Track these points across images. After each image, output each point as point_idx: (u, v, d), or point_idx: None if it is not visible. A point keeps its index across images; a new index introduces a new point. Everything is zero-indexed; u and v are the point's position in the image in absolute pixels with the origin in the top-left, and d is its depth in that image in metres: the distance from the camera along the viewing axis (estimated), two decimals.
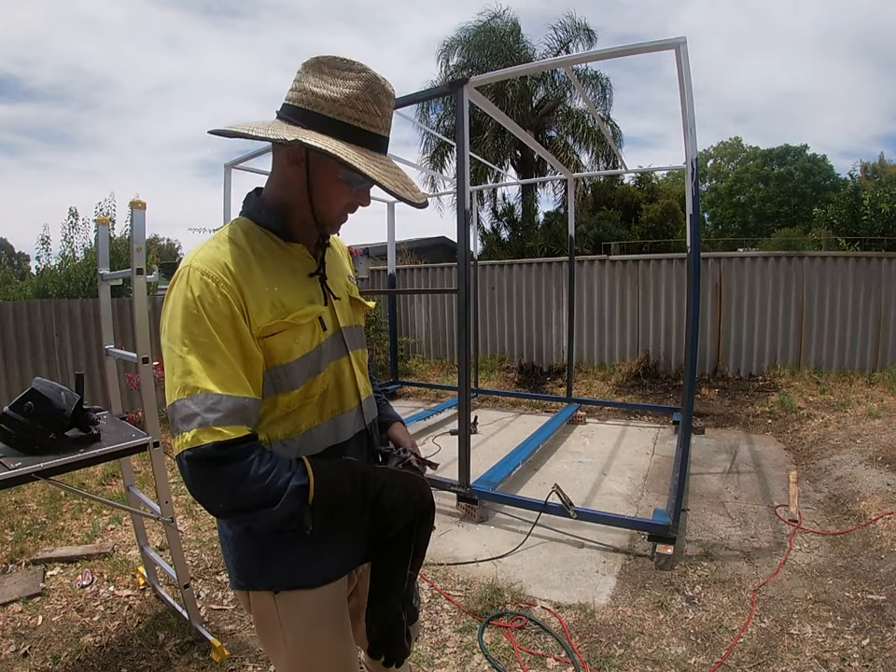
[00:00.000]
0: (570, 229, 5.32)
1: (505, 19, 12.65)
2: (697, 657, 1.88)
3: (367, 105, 0.82)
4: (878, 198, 10.19)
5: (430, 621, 2.13)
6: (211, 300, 0.77)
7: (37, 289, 6.72)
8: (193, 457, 0.73)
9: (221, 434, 0.73)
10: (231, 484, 0.74)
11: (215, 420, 0.73)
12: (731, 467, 3.81)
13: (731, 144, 33.28)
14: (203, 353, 0.76)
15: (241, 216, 0.93)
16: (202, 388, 0.74)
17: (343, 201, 0.89)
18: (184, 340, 0.76)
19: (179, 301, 0.78)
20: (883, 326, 5.79)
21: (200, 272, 0.79)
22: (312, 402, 0.90)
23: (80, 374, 1.79)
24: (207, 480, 0.74)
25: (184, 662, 1.89)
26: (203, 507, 0.79)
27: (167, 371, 0.78)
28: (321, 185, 0.86)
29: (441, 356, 7.69)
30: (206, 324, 0.77)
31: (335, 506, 0.81)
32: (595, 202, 14.33)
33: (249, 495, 0.74)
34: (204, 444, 0.73)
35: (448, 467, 3.79)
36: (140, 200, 1.84)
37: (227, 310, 0.78)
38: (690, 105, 2.63)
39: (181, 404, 0.75)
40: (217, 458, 0.73)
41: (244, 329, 0.80)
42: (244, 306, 0.80)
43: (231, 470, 0.74)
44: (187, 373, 0.75)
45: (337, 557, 0.96)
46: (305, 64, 0.84)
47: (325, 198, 0.87)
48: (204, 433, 0.73)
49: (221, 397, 0.75)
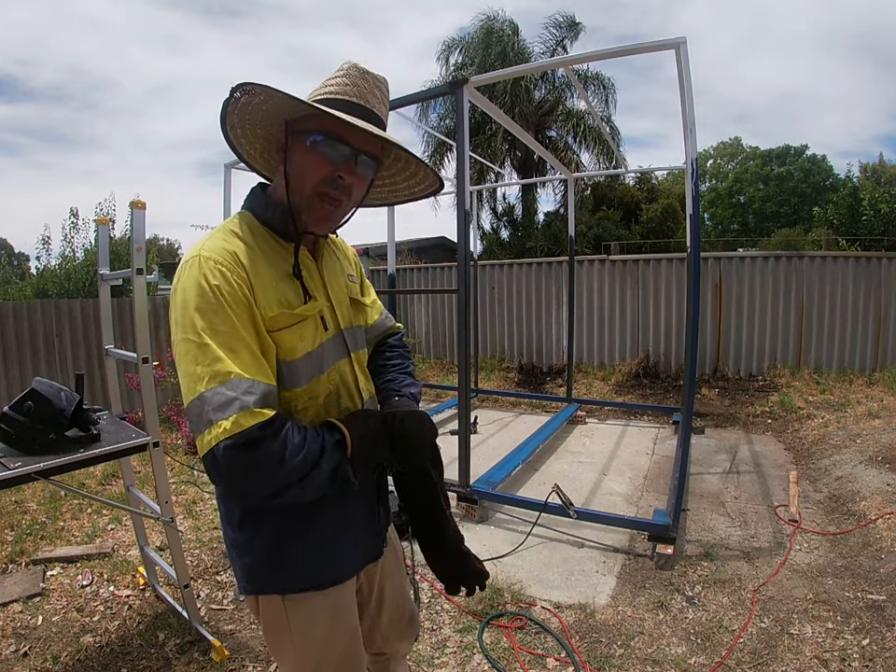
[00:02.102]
0: (570, 229, 5.32)
1: (501, 19, 12.65)
2: (697, 657, 1.87)
3: (354, 79, 0.86)
4: (878, 198, 10.19)
5: (430, 621, 2.13)
6: (228, 287, 0.76)
7: (37, 289, 6.72)
8: (237, 444, 0.71)
9: (262, 415, 0.73)
10: (278, 461, 0.73)
11: (254, 402, 0.73)
12: (731, 467, 3.81)
13: (731, 144, 33.28)
14: (225, 341, 0.75)
15: (244, 209, 0.92)
16: (235, 373, 0.73)
17: (317, 174, 0.84)
18: (204, 329, 0.74)
19: (192, 290, 0.76)
20: (883, 326, 5.79)
21: (213, 260, 0.78)
22: (317, 404, 0.90)
23: (80, 374, 1.79)
24: (252, 465, 0.73)
25: (184, 662, 1.89)
26: (245, 495, 0.78)
27: (187, 363, 0.75)
28: (294, 158, 0.85)
29: (441, 356, 7.69)
30: (226, 312, 0.75)
31: (369, 449, 0.83)
32: (595, 202, 14.33)
33: (295, 465, 0.74)
34: (248, 427, 0.71)
35: (448, 467, 3.79)
36: (140, 200, 1.84)
37: (243, 298, 0.78)
38: (690, 105, 2.63)
39: (212, 393, 0.72)
40: (260, 439, 0.72)
41: (258, 318, 0.80)
42: (254, 297, 0.80)
43: (276, 447, 0.73)
44: (215, 361, 0.73)
45: (345, 559, 0.95)
46: None
47: (298, 172, 0.85)
48: (246, 416, 0.72)
49: (254, 380, 0.74)
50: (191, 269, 0.78)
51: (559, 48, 12.60)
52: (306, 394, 0.87)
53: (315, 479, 0.76)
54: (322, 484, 0.78)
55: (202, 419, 0.73)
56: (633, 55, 2.73)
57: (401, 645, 1.20)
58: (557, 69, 11.08)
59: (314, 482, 0.76)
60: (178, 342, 0.77)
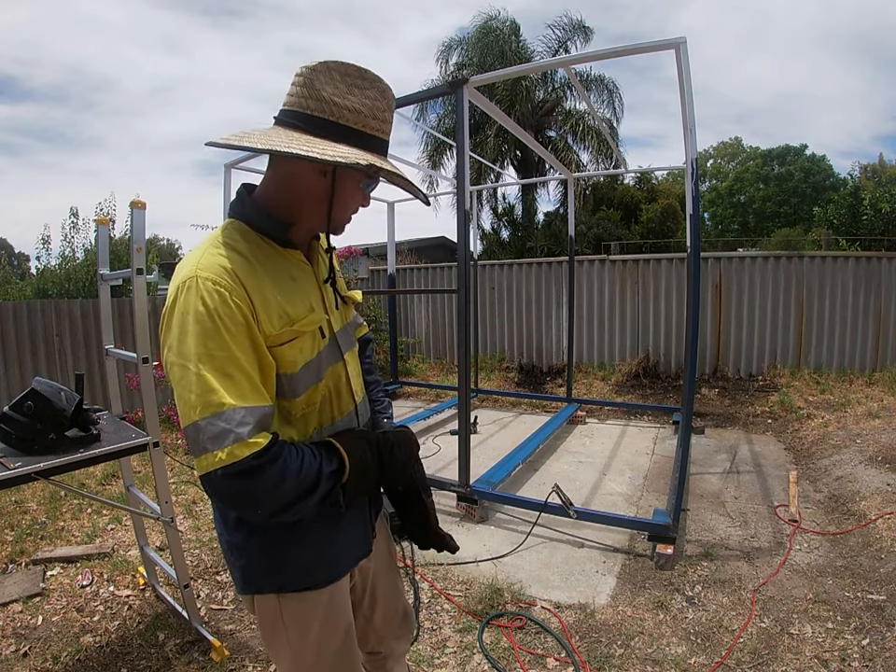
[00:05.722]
0: (570, 229, 5.32)
1: (502, 19, 12.65)
2: (697, 657, 1.87)
3: (385, 114, 0.85)
4: (878, 198, 10.17)
5: (430, 621, 2.13)
6: (226, 310, 0.76)
7: (37, 289, 6.71)
8: (232, 473, 0.72)
9: (256, 444, 0.74)
10: (272, 488, 0.75)
11: (248, 433, 0.74)
12: (731, 467, 3.81)
13: (731, 144, 33.26)
14: (221, 367, 0.74)
15: (233, 217, 0.89)
16: (228, 404, 0.73)
17: (356, 206, 0.92)
18: (200, 356, 0.74)
19: (190, 315, 0.75)
20: (883, 326, 5.79)
21: (210, 281, 0.76)
22: (314, 409, 0.91)
23: (80, 374, 1.79)
24: (248, 490, 0.74)
25: (184, 662, 1.89)
26: (242, 515, 0.80)
27: (181, 388, 0.75)
28: (345, 194, 0.87)
29: (441, 356, 7.69)
30: (223, 336, 0.75)
31: (363, 477, 0.86)
32: (595, 202, 14.34)
33: (289, 492, 0.76)
34: (243, 458, 0.72)
35: (448, 467, 3.80)
36: (140, 200, 1.84)
37: (242, 318, 0.77)
38: (690, 105, 2.63)
39: (206, 423, 0.73)
40: (255, 468, 0.73)
41: (258, 337, 0.79)
42: (255, 315, 0.79)
43: (270, 475, 0.74)
44: (208, 391, 0.73)
45: (340, 556, 0.97)
46: (311, 69, 0.81)
47: (344, 206, 0.89)
48: (241, 447, 0.73)
49: (248, 409, 0.75)
50: (188, 292, 0.76)
51: (561, 49, 12.59)
52: (304, 402, 0.88)
53: (305, 506, 0.78)
54: (314, 507, 0.80)
55: (197, 445, 0.74)
56: (633, 55, 2.73)
57: (397, 643, 1.21)
58: (558, 69, 11.08)
59: (307, 504, 0.78)
60: (173, 364, 0.76)
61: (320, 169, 0.83)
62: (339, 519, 0.95)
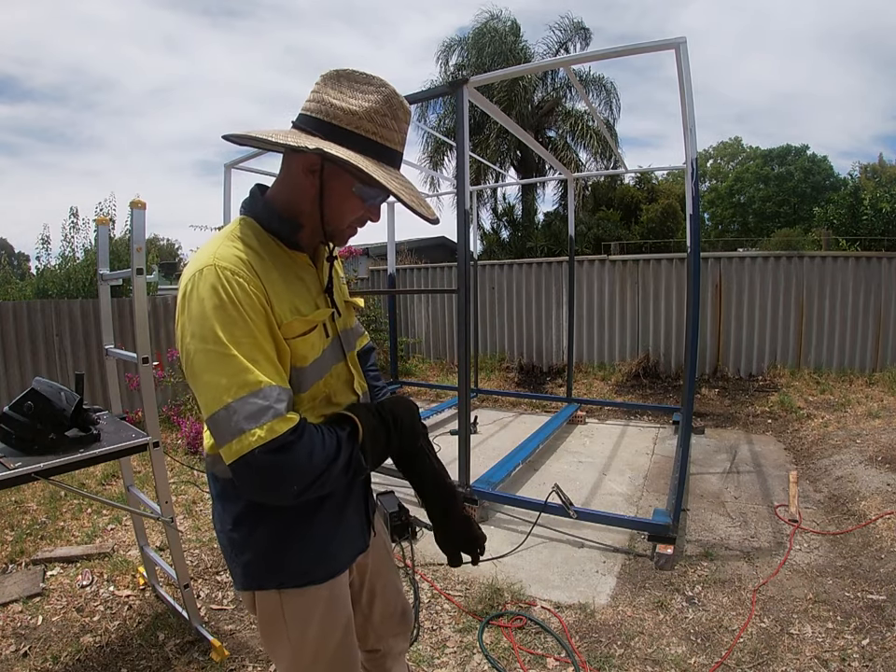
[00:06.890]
0: (570, 229, 5.32)
1: (503, 18, 12.66)
2: (697, 657, 1.87)
3: (385, 119, 0.83)
4: (878, 198, 10.18)
5: (430, 621, 2.13)
6: (246, 298, 0.77)
7: (37, 289, 6.70)
8: (271, 449, 0.73)
9: (292, 420, 0.76)
10: (307, 460, 0.76)
11: (285, 408, 0.76)
12: (731, 467, 3.81)
13: (731, 144, 33.27)
14: (248, 353, 0.76)
15: (245, 215, 0.91)
16: (265, 382, 0.75)
17: (354, 214, 0.89)
18: (226, 340, 0.75)
19: (210, 301, 0.76)
20: (883, 326, 5.79)
21: (229, 270, 0.77)
22: (315, 405, 0.92)
23: (80, 374, 1.79)
24: (287, 465, 0.75)
25: (184, 662, 1.89)
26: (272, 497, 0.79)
27: (210, 374, 0.75)
28: (334, 197, 0.86)
29: (440, 356, 7.68)
30: (246, 322, 0.76)
31: (375, 437, 0.87)
32: (595, 202, 14.35)
33: (320, 463, 0.77)
34: (282, 433, 0.74)
35: (448, 467, 3.79)
36: (140, 200, 1.84)
37: (261, 308, 0.79)
38: (690, 105, 2.63)
39: (241, 403, 0.74)
40: (292, 442, 0.75)
41: (275, 326, 0.81)
42: (270, 305, 0.81)
43: (303, 447, 0.76)
44: (243, 370, 0.74)
45: (340, 552, 0.98)
46: (324, 76, 0.84)
47: (337, 210, 0.87)
48: (280, 423, 0.74)
49: (282, 388, 0.77)
50: (205, 279, 0.77)
51: (562, 50, 12.60)
52: (308, 398, 0.89)
53: (335, 470, 0.80)
54: (340, 475, 0.81)
55: (230, 428, 0.74)
56: (633, 55, 2.73)
57: (396, 641, 1.21)
58: (558, 70, 11.09)
59: (333, 473, 0.80)
60: (196, 351, 0.76)
61: (308, 168, 0.84)
62: (339, 514, 0.97)
